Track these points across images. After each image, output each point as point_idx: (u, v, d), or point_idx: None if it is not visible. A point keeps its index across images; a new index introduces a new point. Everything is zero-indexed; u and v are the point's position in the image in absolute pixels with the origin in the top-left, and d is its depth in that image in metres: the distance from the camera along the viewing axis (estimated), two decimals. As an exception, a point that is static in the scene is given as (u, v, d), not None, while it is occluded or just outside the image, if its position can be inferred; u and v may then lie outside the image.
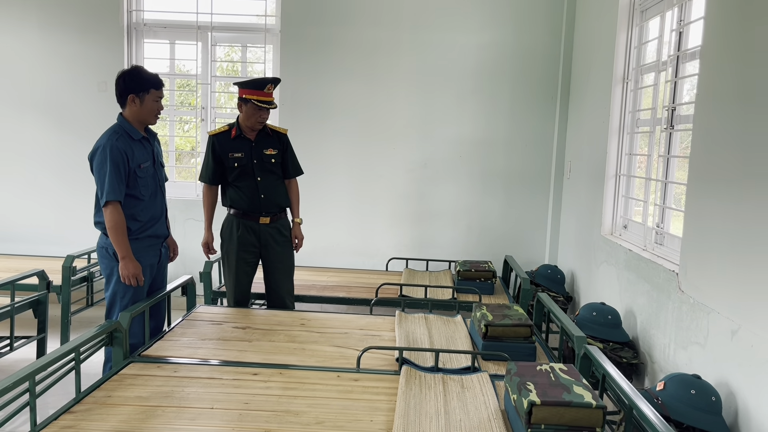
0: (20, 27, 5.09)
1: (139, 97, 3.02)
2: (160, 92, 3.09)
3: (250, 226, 3.58)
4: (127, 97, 3.02)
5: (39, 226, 5.20)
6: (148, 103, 3.05)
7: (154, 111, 3.08)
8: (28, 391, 2.03)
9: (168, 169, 5.39)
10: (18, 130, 5.18)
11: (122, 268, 2.97)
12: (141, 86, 3.02)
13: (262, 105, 3.46)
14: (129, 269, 2.96)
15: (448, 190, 5.18)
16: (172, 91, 5.41)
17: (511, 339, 2.80)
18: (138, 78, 3.04)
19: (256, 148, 3.56)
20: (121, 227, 2.94)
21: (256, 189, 3.55)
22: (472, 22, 5.03)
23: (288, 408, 2.22)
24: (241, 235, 3.57)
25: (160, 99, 3.10)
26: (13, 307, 3.48)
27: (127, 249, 2.96)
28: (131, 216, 3.02)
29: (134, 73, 3.06)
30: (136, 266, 2.99)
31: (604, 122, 4.03)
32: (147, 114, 3.07)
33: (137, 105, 3.03)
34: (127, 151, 2.97)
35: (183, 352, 2.77)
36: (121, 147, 2.95)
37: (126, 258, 2.96)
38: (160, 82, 3.10)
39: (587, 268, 4.29)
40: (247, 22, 5.22)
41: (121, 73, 3.06)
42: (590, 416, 1.89)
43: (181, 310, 3.63)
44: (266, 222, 3.59)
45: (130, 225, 3.01)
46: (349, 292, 4.19)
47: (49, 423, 2.05)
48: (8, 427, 2.81)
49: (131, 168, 2.98)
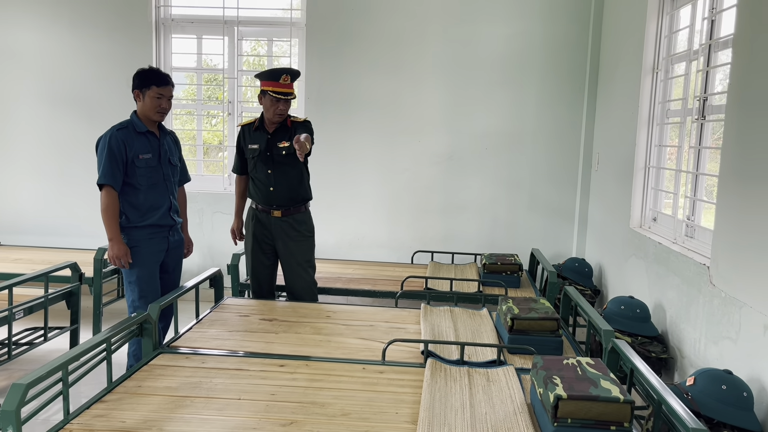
0: (52, 24, 5.18)
1: (142, 93, 3.22)
2: (162, 89, 3.22)
3: (263, 220, 3.61)
4: (134, 93, 3.25)
5: (71, 219, 5.31)
6: (149, 100, 3.21)
7: (154, 107, 3.23)
8: (61, 380, 2.08)
9: (196, 163, 5.46)
10: (51, 126, 5.29)
11: (109, 249, 3.17)
12: (143, 83, 3.21)
13: (278, 96, 3.44)
14: (114, 251, 3.16)
15: (473, 183, 5.16)
16: (199, 86, 5.47)
17: (538, 332, 2.78)
18: (143, 76, 3.22)
19: (270, 141, 3.57)
20: (112, 210, 3.15)
21: (267, 181, 3.58)
22: (499, 12, 4.98)
23: (314, 399, 2.24)
24: (255, 227, 3.62)
25: (163, 96, 3.23)
26: (47, 298, 3.57)
27: (114, 232, 3.15)
28: (131, 204, 3.22)
29: (143, 71, 3.25)
30: (121, 248, 3.16)
31: (633, 113, 3.97)
32: (148, 110, 3.23)
33: (141, 101, 3.23)
34: (126, 141, 3.18)
35: (211, 344, 2.80)
36: (121, 137, 3.17)
37: (113, 240, 3.15)
38: (163, 80, 3.23)
39: (615, 261, 4.23)
40: (273, 16, 5.24)
41: (135, 72, 3.25)
42: (618, 411, 1.87)
43: (209, 302, 3.67)
44: (278, 215, 3.59)
45: (129, 214, 3.22)
46: (375, 285, 4.20)
47: (82, 412, 2.10)
48: (42, 415, 2.88)
49: (129, 158, 3.17)
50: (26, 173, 5.35)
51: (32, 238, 5.31)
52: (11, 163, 5.35)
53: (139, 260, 3.23)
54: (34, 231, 5.34)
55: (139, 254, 3.23)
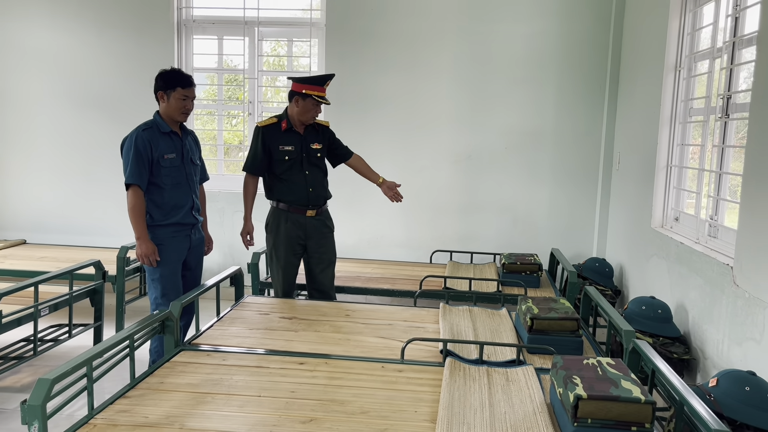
0: (76, 26, 5.26)
1: (167, 94, 3.26)
2: (187, 91, 3.27)
3: (297, 219, 3.63)
4: (158, 94, 3.29)
5: (95, 218, 5.39)
6: (174, 101, 3.26)
7: (179, 109, 3.28)
8: (85, 376, 2.12)
9: (216, 162, 5.52)
10: (75, 126, 5.37)
11: (137, 247, 3.22)
12: (168, 84, 3.25)
13: (321, 101, 3.55)
14: (142, 249, 3.21)
15: (493, 182, 5.14)
16: (220, 86, 5.52)
17: (558, 332, 2.77)
18: (167, 77, 3.27)
19: (305, 142, 3.62)
20: (139, 209, 3.19)
21: (304, 182, 3.61)
22: (519, 10, 4.96)
23: (333, 397, 2.25)
24: (289, 228, 3.63)
25: (187, 98, 3.29)
26: (71, 295, 3.63)
27: (142, 230, 3.21)
28: (154, 203, 3.26)
29: (167, 72, 3.30)
30: (149, 246, 3.22)
31: (654, 112, 3.93)
32: (173, 111, 3.28)
33: (165, 101, 3.28)
34: (152, 141, 3.22)
35: (231, 341, 2.83)
36: (146, 137, 3.21)
37: (141, 238, 3.21)
38: (188, 82, 3.29)
39: (636, 261, 4.19)
40: (293, 16, 5.28)
41: (158, 73, 3.29)
42: (639, 411, 1.85)
43: (229, 301, 3.71)
44: (312, 215, 3.65)
45: (153, 212, 3.26)
46: (393, 284, 4.21)
47: (106, 407, 2.13)
48: (66, 410, 2.93)
49: (154, 157, 3.23)
50: (51, 173, 5.44)
51: (57, 236, 5.40)
52: (37, 163, 5.44)
53: (163, 258, 3.28)
54: (59, 230, 5.43)
55: (162, 252, 3.27)
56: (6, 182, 5.49)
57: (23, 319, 3.31)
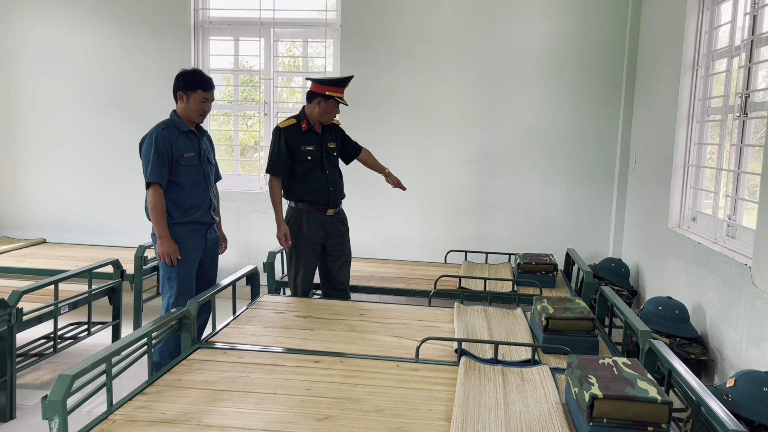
0: (95, 27, 5.33)
1: (186, 95, 3.28)
2: (207, 94, 3.30)
3: (318, 219, 3.66)
4: (177, 94, 3.30)
5: (113, 218, 5.45)
6: (193, 103, 3.28)
7: (198, 110, 3.30)
8: (105, 372, 2.15)
9: (232, 163, 5.56)
10: (94, 127, 5.44)
11: (158, 246, 3.23)
12: (189, 86, 3.27)
13: (342, 102, 3.60)
14: (164, 248, 3.22)
15: (508, 182, 5.13)
16: (236, 87, 5.56)
17: (573, 332, 2.76)
18: (188, 78, 3.29)
19: (323, 142, 3.65)
20: (160, 208, 3.20)
21: (326, 182, 3.65)
22: (534, 10, 4.94)
23: (348, 395, 2.26)
24: (310, 227, 3.65)
25: (207, 101, 3.31)
26: (90, 294, 3.68)
27: (163, 229, 3.21)
28: (173, 201, 3.27)
29: (188, 73, 3.31)
30: (171, 245, 3.23)
31: (671, 111, 3.90)
32: (191, 112, 3.31)
33: (184, 102, 3.29)
34: (171, 140, 3.24)
35: (247, 339, 2.86)
36: (166, 136, 3.23)
37: (162, 237, 3.22)
38: (209, 85, 3.31)
39: (653, 261, 4.16)
40: (308, 17, 5.30)
41: (179, 73, 3.32)
42: (655, 411, 1.84)
43: (245, 299, 3.74)
44: (332, 214, 3.70)
45: (172, 211, 3.27)
46: (408, 284, 4.22)
47: (124, 403, 2.16)
48: (86, 407, 2.98)
49: (174, 156, 3.24)
50: (70, 173, 5.52)
51: (76, 236, 5.47)
52: (56, 163, 5.52)
53: (181, 257, 3.29)
54: (78, 229, 5.50)
55: (180, 251, 3.28)
56: (26, 182, 5.57)
57: (43, 317, 3.35)
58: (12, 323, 3.03)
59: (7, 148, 5.55)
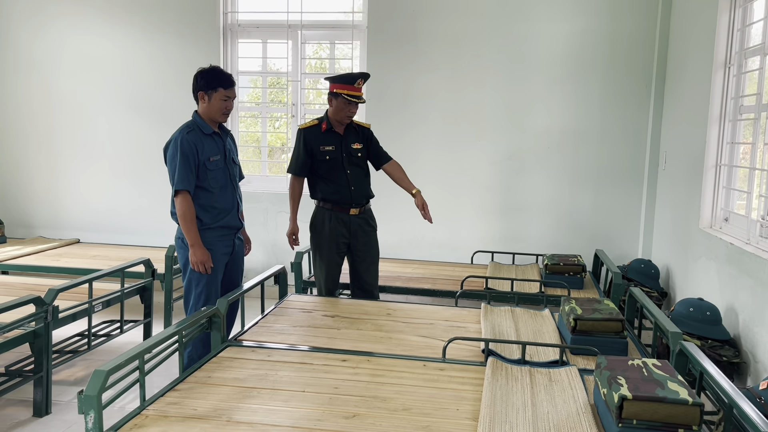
0: (128, 33, 5.44)
1: (208, 95, 3.17)
2: (228, 92, 3.19)
3: (341, 218, 3.68)
4: (198, 94, 3.20)
5: (144, 218, 5.55)
6: (216, 102, 3.18)
7: (221, 109, 3.20)
8: (137, 369, 2.20)
9: (260, 164, 5.62)
10: (126, 130, 5.55)
11: (191, 255, 3.14)
12: (209, 85, 3.16)
13: (351, 99, 3.55)
14: (198, 256, 3.13)
15: (535, 182, 5.10)
16: (264, 89, 5.62)
17: (601, 334, 2.73)
18: (208, 77, 3.18)
19: (344, 142, 3.66)
20: (190, 216, 3.12)
21: (346, 181, 3.65)
22: (562, 9, 4.91)
23: (376, 394, 2.28)
24: (333, 226, 3.67)
25: (229, 99, 3.20)
26: (122, 292, 3.76)
27: (196, 237, 3.13)
28: (202, 207, 3.18)
29: (207, 72, 3.19)
30: (204, 253, 3.14)
31: (703, 110, 3.84)
32: (214, 112, 3.20)
33: (206, 102, 3.19)
34: (197, 144, 3.13)
35: (276, 338, 2.89)
36: (192, 140, 3.13)
37: (195, 245, 3.13)
38: (229, 82, 3.20)
39: (684, 262, 4.10)
40: (335, 19, 5.34)
41: (197, 72, 3.21)
42: (686, 413, 1.82)
43: (273, 299, 3.78)
44: (355, 213, 3.70)
45: (202, 216, 3.19)
46: (434, 284, 4.22)
47: (156, 399, 2.21)
48: (119, 403, 3.04)
49: (201, 160, 3.14)
50: (103, 176, 5.63)
51: (109, 236, 5.59)
52: (90, 166, 5.64)
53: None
54: (111, 229, 5.62)
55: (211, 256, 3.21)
56: (61, 184, 5.71)
57: (78, 315, 3.43)
58: (48, 320, 3.11)
59: (43, 151, 5.69)
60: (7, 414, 3.15)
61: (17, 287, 3.89)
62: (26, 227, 5.78)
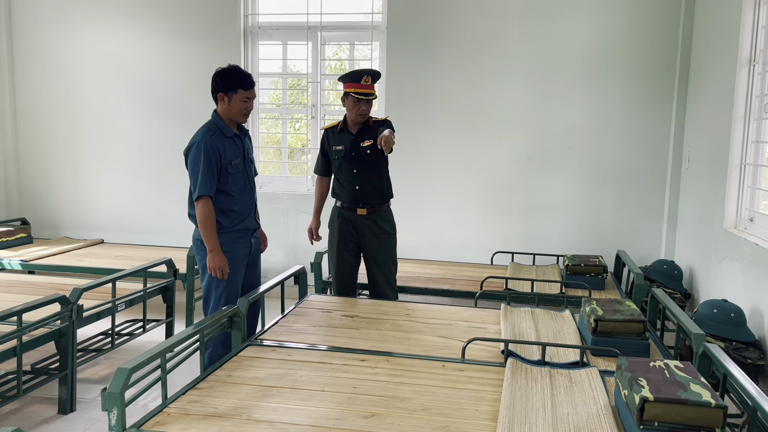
0: (150, 36, 5.51)
1: (228, 96, 3.13)
2: (249, 92, 3.16)
3: (349, 218, 3.70)
4: (218, 95, 3.16)
5: (166, 219, 5.61)
6: (236, 103, 3.14)
7: (241, 110, 3.17)
8: (160, 367, 2.23)
9: (281, 165, 5.66)
10: (149, 132, 5.62)
11: (209, 260, 3.10)
12: (229, 86, 3.12)
13: (360, 97, 3.55)
14: (215, 262, 3.10)
15: (555, 183, 5.06)
16: (284, 91, 5.65)
17: (623, 335, 2.70)
18: (228, 78, 3.14)
19: (354, 141, 3.67)
20: (211, 221, 3.08)
21: (352, 181, 3.67)
22: (583, 8, 4.87)
23: (395, 394, 2.28)
24: (341, 225, 3.71)
25: (249, 99, 3.17)
26: (145, 292, 3.81)
27: (215, 242, 3.09)
28: (222, 210, 3.15)
29: (226, 72, 3.16)
30: (222, 259, 3.11)
31: (727, 109, 3.78)
32: (235, 113, 3.17)
33: (226, 104, 3.15)
34: (219, 147, 3.09)
35: (296, 338, 2.91)
36: (215, 144, 3.08)
37: (213, 251, 3.09)
38: (250, 83, 3.16)
39: (707, 263, 4.04)
40: (355, 20, 5.35)
41: (216, 72, 3.17)
42: (709, 416, 1.80)
43: (293, 299, 3.80)
44: (363, 213, 3.69)
45: (222, 220, 3.16)
46: (454, 285, 4.21)
47: (178, 397, 2.24)
48: (141, 401, 3.09)
49: (223, 164, 3.11)
50: (127, 177, 5.71)
51: (132, 236, 5.67)
52: (113, 167, 5.72)
53: (230, 264, 3.19)
54: (134, 230, 5.70)
55: (230, 259, 3.19)
56: (86, 186, 5.80)
57: (102, 314, 3.48)
58: (73, 319, 3.16)
59: (69, 154, 5.79)
60: (33, 411, 3.21)
61: (43, 286, 3.97)
62: (52, 228, 5.88)
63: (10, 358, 2.87)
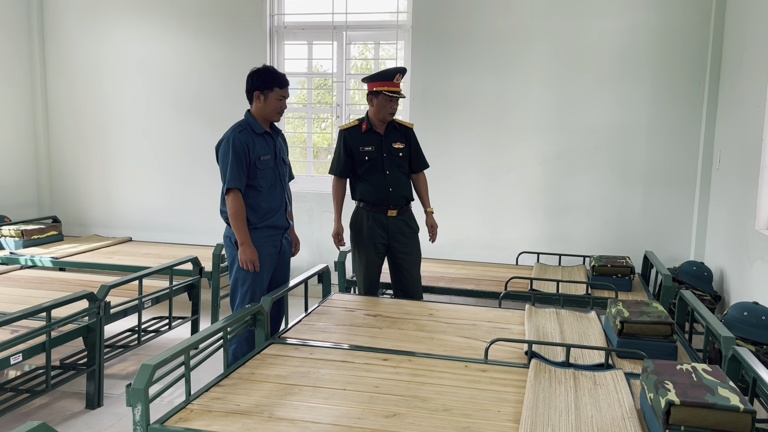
0: (178, 37, 5.59)
1: (264, 94, 3.20)
2: (284, 91, 3.23)
3: (379, 219, 3.68)
4: (254, 94, 3.23)
5: (193, 218, 5.69)
6: (272, 101, 3.21)
7: (276, 109, 3.24)
8: (183, 364, 2.25)
9: (306, 164, 5.68)
10: (176, 131, 5.70)
11: (240, 253, 3.16)
12: (266, 84, 3.19)
13: (392, 95, 3.56)
14: (246, 254, 3.15)
15: (582, 182, 5.00)
16: (309, 90, 5.68)
17: (650, 337, 2.66)
18: (264, 76, 3.21)
19: (385, 142, 3.66)
20: (241, 214, 3.14)
21: (384, 182, 3.65)
22: (611, 4, 4.80)
23: (416, 394, 2.27)
24: (371, 227, 3.68)
25: (284, 98, 3.25)
26: (171, 290, 3.86)
27: (245, 235, 3.15)
28: (250, 206, 3.20)
29: (262, 71, 3.23)
30: (254, 252, 3.16)
31: (760, 107, 3.69)
32: (270, 111, 3.24)
33: (261, 102, 3.22)
34: (248, 143, 3.16)
35: (318, 336, 2.92)
36: (243, 139, 3.16)
37: (244, 244, 3.15)
38: (285, 82, 3.24)
39: (738, 265, 3.95)
40: (380, 19, 5.36)
41: (252, 72, 3.24)
42: (737, 421, 1.76)
43: (317, 297, 3.81)
44: (394, 215, 3.69)
45: (250, 216, 3.20)
46: (478, 285, 4.18)
47: (201, 394, 2.26)
48: (166, 397, 3.13)
49: (251, 159, 3.17)
50: (154, 176, 5.80)
51: (159, 234, 5.75)
52: (141, 166, 5.81)
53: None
54: (161, 228, 5.78)
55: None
56: (114, 184, 5.90)
57: (128, 311, 3.54)
58: (101, 315, 3.22)
59: (98, 153, 5.90)
60: (61, 405, 3.27)
61: (72, 283, 4.04)
62: (82, 226, 6.00)
63: (39, 353, 2.93)
